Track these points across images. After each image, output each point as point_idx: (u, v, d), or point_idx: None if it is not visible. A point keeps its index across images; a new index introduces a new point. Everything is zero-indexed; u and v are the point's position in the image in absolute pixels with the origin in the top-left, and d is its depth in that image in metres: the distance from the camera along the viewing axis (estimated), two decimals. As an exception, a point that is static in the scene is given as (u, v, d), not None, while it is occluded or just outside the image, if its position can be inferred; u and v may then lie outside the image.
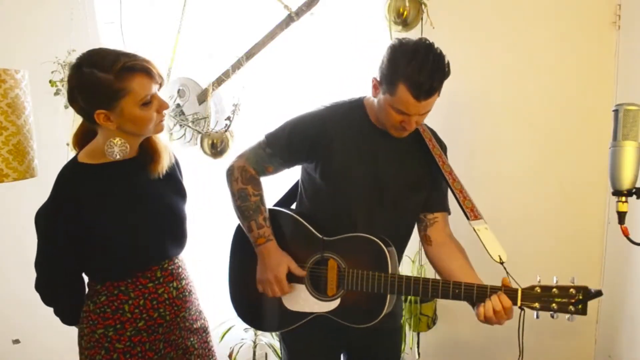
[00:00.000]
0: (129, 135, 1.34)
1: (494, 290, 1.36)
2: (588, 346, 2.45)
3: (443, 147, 1.62)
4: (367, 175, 1.51)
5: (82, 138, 1.41)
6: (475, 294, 1.38)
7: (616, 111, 1.32)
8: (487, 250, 1.43)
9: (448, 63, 1.40)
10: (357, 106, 1.56)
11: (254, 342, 2.47)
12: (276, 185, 1.79)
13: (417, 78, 1.33)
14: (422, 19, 2.19)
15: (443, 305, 2.46)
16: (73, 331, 1.53)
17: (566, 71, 2.30)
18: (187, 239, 1.54)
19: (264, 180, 1.62)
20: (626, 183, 1.32)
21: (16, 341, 2.35)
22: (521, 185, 2.38)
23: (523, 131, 2.36)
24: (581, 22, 2.27)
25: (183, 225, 1.50)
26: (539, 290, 1.34)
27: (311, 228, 1.55)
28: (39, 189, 2.03)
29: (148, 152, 1.42)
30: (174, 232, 1.48)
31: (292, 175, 1.78)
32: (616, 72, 2.25)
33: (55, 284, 1.41)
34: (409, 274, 1.97)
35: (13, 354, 2.35)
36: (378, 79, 1.43)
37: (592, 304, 2.52)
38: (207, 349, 1.57)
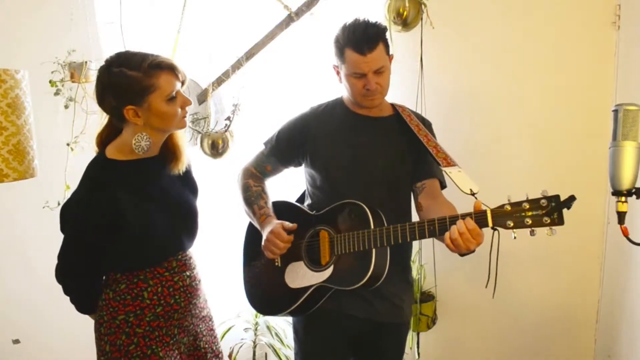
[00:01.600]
0: (154, 131, 1.42)
1: (465, 216, 1.37)
2: (588, 346, 2.45)
3: (426, 123, 1.73)
4: (353, 158, 1.64)
5: (106, 138, 1.48)
6: (449, 224, 1.38)
7: (616, 111, 1.32)
8: (458, 186, 1.45)
9: (381, 23, 1.59)
10: (336, 101, 1.75)
11: (254, 342, 2.47)
12: (282, 193, 1.87)
13: (353, 37, 1.54)
14: (421, 19, 2.19)
15: (443, 305, 2.47)
16: (73, 331, 1.54)
17: (566, 71, 2.30)
18: (198, 232, 1.63)
19: (272, 182, 1.82)
20: (626, 183, 1.32)
21: (16, 341, 2.35)
22: (521, 185, 2.36)
23: (523, 131, 2.36)
24: (581, 22, 2.26)
25: (197, 219, 1.61)
26: (509, 208, 1.33)
27: (304, 208, 1.70)
28: (39, 189, 2.04)
29: (170, 150, 1.51)
30: (189, 227, 1.58)
31: (295, 182, 1.83)
32: (616, 72, 2.25)
33: (79, 276, 1.48)
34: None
35: (13, 354, 2.35)
36: (335, 63, 1.64)
37: (591, 305, 2.54)
38: (212, 335, 1.66)
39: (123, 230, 1.40)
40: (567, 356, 2.47)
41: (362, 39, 1.52)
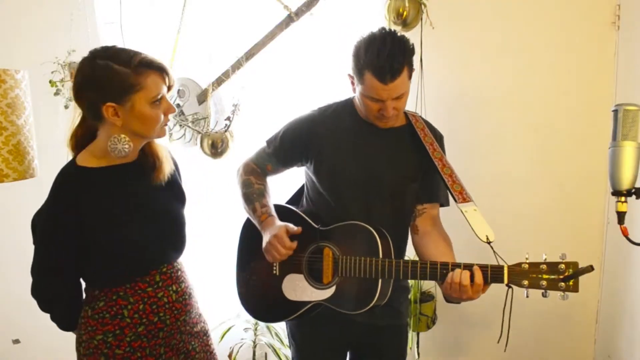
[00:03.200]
0: (132, 135, 1.31)
1: (482, 268, 1.36)
2: (588, 346, 2.45)
3: (437, 136, 1.64)
4: (360, 168, 1.56)
5: (81, 140, 1.37)
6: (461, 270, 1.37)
7: (615, 111, 1.32)
8: (473, 230, 1.41)
9: (409, 43, 1.44)
10: (346, 105, 1.63)
11: (254, 342, 2.47)
12: (281, 192, 1.84)
13: (377, 62, 1.39)
14: (421, 19, 2.19)
15: (443, 305, 2.46)
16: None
17: (566, 71, 2.30)
18: (186, 243, 1.53)
19: (270, 181, 1.73)
20: (625, 183, 1.32)
21: (16, 341, 2.36)
22: (521, 185, 2.38)
23: (523, 131, 2.36)
24: (581, 22, 2.27)
25: (182, 230, 1.50)
26: (526, 267, 1.33)
27: (308, 219, 1.61)
28: (39, 189, 2.03)
29: (149, 157, 1.40)
30: (173, 238, 1.47)
31: (295, 181, 1.82)
32: (616, 72, 2.25)
33: (53, 290, 1.38)
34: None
35: (13, 354, 2.35)
36: (351, 74, 1.50)
37: (591, 305, 2.54)
38: (208, 352, 1.55)
39: (93, 243, 1.32)
40: (567, 356, 2.47)
41: (386, 67, 1.37)
